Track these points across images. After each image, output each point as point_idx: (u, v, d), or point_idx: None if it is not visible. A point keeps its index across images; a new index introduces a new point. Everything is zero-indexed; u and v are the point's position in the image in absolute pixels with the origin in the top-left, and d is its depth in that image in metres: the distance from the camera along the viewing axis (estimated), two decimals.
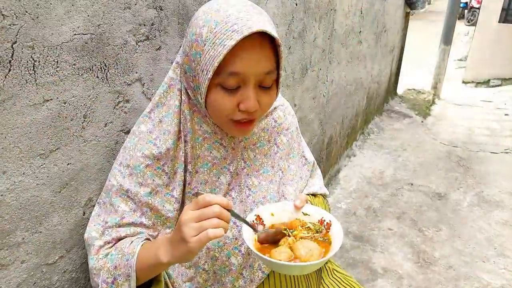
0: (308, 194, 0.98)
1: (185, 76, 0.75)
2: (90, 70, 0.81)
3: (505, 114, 4.94)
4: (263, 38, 0.68)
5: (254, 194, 0.88)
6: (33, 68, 0.69)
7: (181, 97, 0.79)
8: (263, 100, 0.74)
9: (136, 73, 0.93)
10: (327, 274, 1.04)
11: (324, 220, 0.79)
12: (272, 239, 0.77)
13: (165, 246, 0.67)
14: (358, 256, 2.20)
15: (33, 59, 0.69)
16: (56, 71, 0.74)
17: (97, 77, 0.83)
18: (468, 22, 11.74)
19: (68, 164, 0.81)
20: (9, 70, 0.66)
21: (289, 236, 0.77)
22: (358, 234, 2.40)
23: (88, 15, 0.77)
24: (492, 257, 2.23)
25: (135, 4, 0.88)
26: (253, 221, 0.78)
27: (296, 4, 1.72)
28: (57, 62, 0.73)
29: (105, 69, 0.84)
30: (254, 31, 0.64)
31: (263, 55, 0.69)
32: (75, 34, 0.75)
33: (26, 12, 0.66)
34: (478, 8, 8.28)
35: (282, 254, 0.70)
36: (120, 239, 0.76)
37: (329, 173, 2.90)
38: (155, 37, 0.96)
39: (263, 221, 0.80)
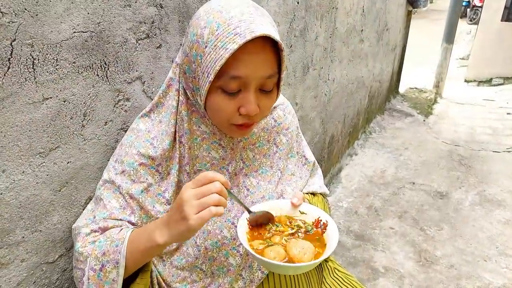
0: (308, 193, 0.98)
1: (185, 77, 0.74)
2: (90, 68, 0.80)
3: (507, 113, 4.92)
4: (266, 42, 0.67)
5: (253, 195, 0.87)
6: (33, 66, 0.69)
7: (178, 98, 0.78)
8: (263, 104, 0.73)
9: (137, 71, 0.93)
10: (328, 273, 1.04)
11: (321, 220, 0.79)
12: (260, 221, 0.78)
13: (160, 227, 0.65)
14: (360, 255, 2.20)
15: (32, 57, 0.69)
16: (56, 69, 0.73)
17: (97, 75, 0.82)
18: (471, 20, 11.69)
19: (68, 162, 0.81)
20: (8, 68, 0.65)
21: (274, 222, 0.79)
22: (359, 233, 2.39)
23: (88, 13, 0.77)
24: (494, 256, 2.22)
25: (135, 2, 0.87)
26: (247, 218, 0.77)
27: (298, 3, 1.71)
28: (57, 60, 0.73)
29: (105, 67, 0.84)
30: (257, 36, 0.63)
31: (265, 59, 0.68)
32: (74, 32, 0.75)
33: (25, 9, 0.66)
34: (481, 7, 8.25)
35: (275, 254, 0.70)
36: (107, 229, 0.75)
37: (331, 172, 2.89)
38: (155, 35, 0.95)
39: None
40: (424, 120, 4.53)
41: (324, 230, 0.77)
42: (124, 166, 0.77)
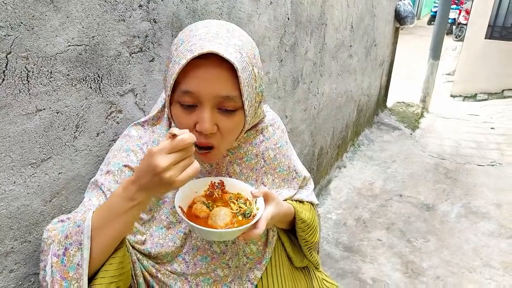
0: (296, 201, 0.99)
1: None
2: (84, 80, 0.82)
3: (491, 128, 5.05)
4: (222, 61, 0.66)
5: None
6: (27, 78, 0.70)
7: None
8: (223, 124, 0.72)
9: (129, 84, 0.94)
10: (317, 284, 1.05)
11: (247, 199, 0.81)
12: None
13: (136, 188, 0.62)
14: (348, 266, 2.21)
15: (27, 70, 0.70)
16: (50, 81, 0.75)
17: (90, 87, 0.84)
18: (456, 37, 12.04)
19: (59, 173, 0.81)
20: (3, 80, 0.67)
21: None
22: (348, 245, 2.41)
23: (83, 27, 0.79)
24: (478, 268, 2.26)
25: (130, 17, 0.90)
26: (217, 182, 0.82)
27: (288, 19, 1.76)
28: (51, 72, 0.74)
29: (98, 80, 0.85)
30: (204, 52, 0.64)
31: (219, 77, 0.68)
32: (69, 45, 0.77)
33: (22, 23, 0.67)
34: (466, 24, 8.52)
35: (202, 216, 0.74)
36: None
37: (320, 184, 2.92)
38: (148, 49, 0.97)
39: (224, 189, 0.83)
40: (411, 134, 4.61)
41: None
42: (110, 167, 0.78)
